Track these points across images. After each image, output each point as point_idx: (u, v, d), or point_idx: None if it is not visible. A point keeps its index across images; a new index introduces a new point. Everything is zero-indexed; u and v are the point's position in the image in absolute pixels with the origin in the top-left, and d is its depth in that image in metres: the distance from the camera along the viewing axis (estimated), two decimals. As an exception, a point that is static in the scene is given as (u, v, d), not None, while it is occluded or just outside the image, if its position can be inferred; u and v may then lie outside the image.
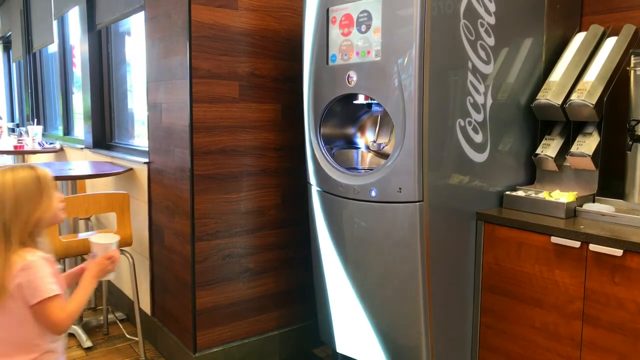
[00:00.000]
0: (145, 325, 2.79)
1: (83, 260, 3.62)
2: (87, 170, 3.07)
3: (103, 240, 1.47)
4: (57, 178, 3.02)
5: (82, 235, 2.72)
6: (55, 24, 4.76)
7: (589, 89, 1.97)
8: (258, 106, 2.49)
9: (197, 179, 2.35)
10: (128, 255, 2.60)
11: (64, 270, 2.14)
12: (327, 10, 2.12)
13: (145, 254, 2.85)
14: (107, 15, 3.48)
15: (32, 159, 4.81)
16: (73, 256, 2.64)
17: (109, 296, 3.18)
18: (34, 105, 5.89)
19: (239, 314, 2.53)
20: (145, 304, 2.87)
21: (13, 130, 6.54)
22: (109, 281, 3.26)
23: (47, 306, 1.35)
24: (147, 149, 2.81)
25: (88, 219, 3.31)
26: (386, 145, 2.20)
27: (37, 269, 1.34)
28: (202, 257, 2.40)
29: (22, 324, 1.37)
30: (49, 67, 5.77)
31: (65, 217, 1.42)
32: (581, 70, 2.07)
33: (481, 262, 2.05)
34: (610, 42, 2.07)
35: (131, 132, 3.65)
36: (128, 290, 3.14)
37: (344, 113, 2.28)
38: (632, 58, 1.90)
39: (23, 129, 5.21)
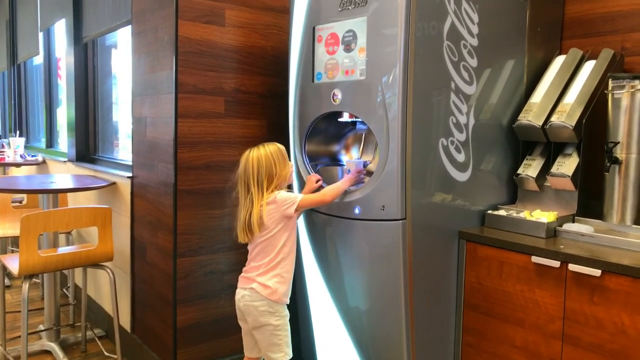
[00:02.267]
0: (125, 342, 2.74)
1: (63, 275, 3.56)
2: (70, 184, 3.03)
3: (355, 160, 2.10)
4: (38, 191, 2.98)
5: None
6: (41, 35, 4.74)
7: (569, 110, 2.01)
8: (244, 122, 2.49)
9: (181, 194, 2.33)
10: (109, 271, 2.57)
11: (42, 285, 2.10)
12: (314, 29, 2.14)
13: (126, 269, 2.81)
14: (94, 29, 3.47)
15: (14, 172, 4.74)
16: (52, 271, 2.60)
17: (88, 312, 3.12)
18: (17, 116, 5.83)
19: (220, 331, 2.50)
20: (125, 321, 2.82)
21: (-5, 142, 6.45)
22: (88, 297, 3.21)
23: (304, 201, 1.93)
24: (130, 163, 2.79)
25: (69, 233, 3.26)
26: (370, 163, 2.21)
27: (280, 194, 1.91)
28: (184, 273, 2.38)
29: (274, 243, 1.92)
30: (33, 78, 5.73)
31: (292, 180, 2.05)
32: (561, 92, 2.11)
33: (463, 280, 2.06)
34: (589, 66, 2.12)
35: (115, 145, 3.62)
36: (108, 307, 3.09)
37: (329, 130, 2.29)
38: (610, 81, 1.95)
39: (5, 140, 5.15)
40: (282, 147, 1.96)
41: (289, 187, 2.09)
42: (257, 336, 1.96)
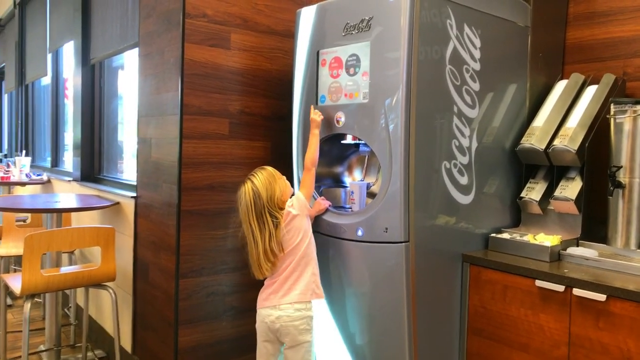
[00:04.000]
0: (125, 363, 2.72)
1: (64, 295, 3.54)
2: (74, 204, 3.04)
3: (358, 183, 2.19)
4: (42, 211, 2.99)
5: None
6: (49, 57, 4.81)
7: (571, 134, 2.02)
8: (248, 143, 2.51)
9: (184, 214, 2.34)
10: (111, 291, 2.56)
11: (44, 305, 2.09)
12: (318, 53, 2.17)
13: (128, 289, 2.81)
14: (101, 51, 3.53)
15: (19, 191, 4.77)
16: (54, 291, 2.59)
17: (89, 333, 3.10)
18: (23, 136, 5.88)
19: (222, 353, 2.48)
20: (126, 342, 2.80)
21: (0, 161, 6.50)
22: (90, 317, 3.19)
23: (304, 190, 2.04)
24: (135, 183, 2.80)
25: (72, 252, 3.26)
26: (373, 185, 2.22)
27: (292, 203, 1.98)
28: (186, 294, 2.37)
29: (306, 243, 1.99)
30: (40, 98, 5.80)
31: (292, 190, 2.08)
32: (563, 117, 2.12)
33: (467, 304, 2.04)
34: (590, 90, 2.14)
35: (120, 165, 3.65)
36: (109, 327, 3.07)
37: (333, 152, 2.31)
38: (612, 106, 1.96)
39: (11, 159, 5.19)
40: (270, 168, 2.01)
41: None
42: (290, 356, 1.96)
